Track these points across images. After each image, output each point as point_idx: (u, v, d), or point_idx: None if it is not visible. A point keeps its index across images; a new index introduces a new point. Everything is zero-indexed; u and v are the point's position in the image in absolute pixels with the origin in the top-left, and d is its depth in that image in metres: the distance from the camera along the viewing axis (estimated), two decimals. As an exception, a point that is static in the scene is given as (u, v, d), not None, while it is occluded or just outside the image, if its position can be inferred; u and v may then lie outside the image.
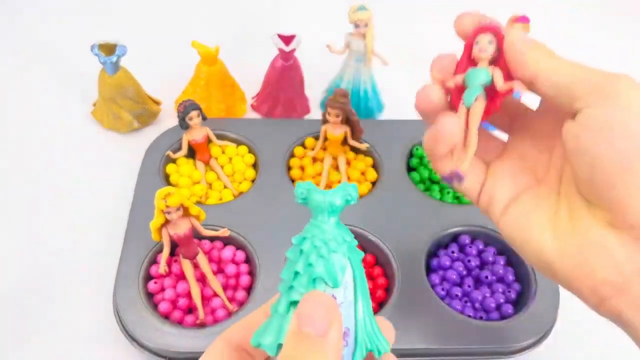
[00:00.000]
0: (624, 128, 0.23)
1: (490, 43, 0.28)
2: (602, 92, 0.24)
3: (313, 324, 0.19)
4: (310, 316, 0.19)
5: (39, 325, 0.48)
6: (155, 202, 0.43)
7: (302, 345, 0.19)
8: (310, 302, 0.20)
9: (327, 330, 0.19)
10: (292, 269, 0.22)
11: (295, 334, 0.19)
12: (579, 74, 0.25)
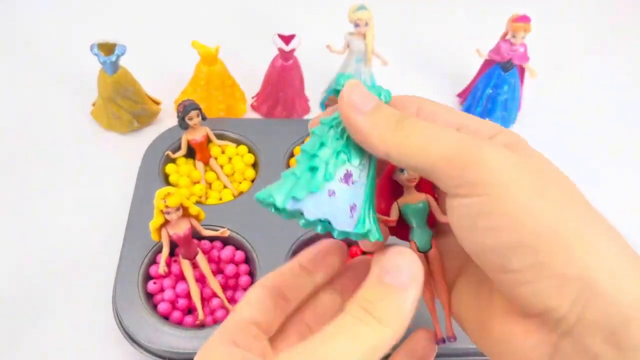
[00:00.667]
0: (485, 220, 0.20)
1: None
2: (458, 174, 0.20)
3: (397, 277, 0.20)
4: (395, 268, 0.20)
5: (39, 325, 0.48)
6: (154, 202, 0.43)
7: (382, 292, 0.20)
8: (394, 253, 0.21)
9: (409, 285, 0.20)
10: (317, 141, 0.23)
11: (378, 282, 0.20)
12: (431, 154, 0.21)
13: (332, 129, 0.23)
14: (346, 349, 0.19)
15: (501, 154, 0.20)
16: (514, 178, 0.20)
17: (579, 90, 0.74)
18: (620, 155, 0.66)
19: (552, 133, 0.67)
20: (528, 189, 0.20)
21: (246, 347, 0.23)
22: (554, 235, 0.19)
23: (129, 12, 0.82)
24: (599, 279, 0.19)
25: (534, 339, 0.21)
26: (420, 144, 0.21)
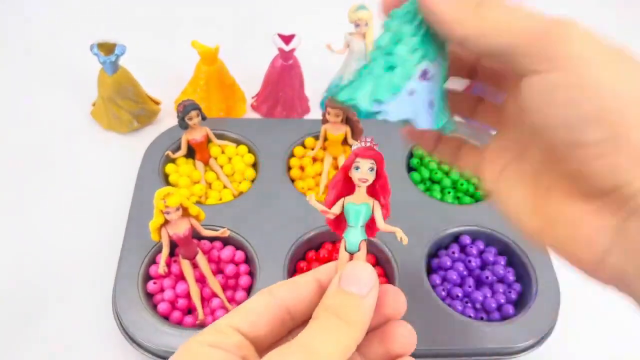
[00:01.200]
0: (564, 92, 0.20)
1: (372, 170, 0.25)
2: (542, 50, 0.21)
3: (358, 284, 0.23)
4: (355, 277, 0.23)
5: (39, 325, 0.47)
6: (154, 202, 0.43)
7: (346, 299, 0.22)
8: (355, 266, 0.23)
9: (368, 292, 0.22)
10: (392, 38, 0.23)
11: (338, 290, 0.23)
12: (513, 31, 0.21)
13: (407, 24, 0.23)
14: (327, 346, 0.21)
15: (584, 30, 0.21)
16: (596, 53, 0.21)
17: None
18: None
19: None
20: (610, 64, 0.21)
21: (226, 350, 0.22)
22: (633, 108, 0.20)
23: (129, 12, 0.82)
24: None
25: (598, 219, 0.22)
26: (501, 22, 0.21)
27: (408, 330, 0.25)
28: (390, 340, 0.24)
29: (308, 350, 0.21)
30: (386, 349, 0.24)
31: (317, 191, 0.56)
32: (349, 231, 0.26)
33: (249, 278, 0.49)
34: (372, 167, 0.26)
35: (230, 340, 0.22)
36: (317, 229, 0.51)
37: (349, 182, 0.26)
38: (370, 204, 0.26)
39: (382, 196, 0.26)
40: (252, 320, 0.23)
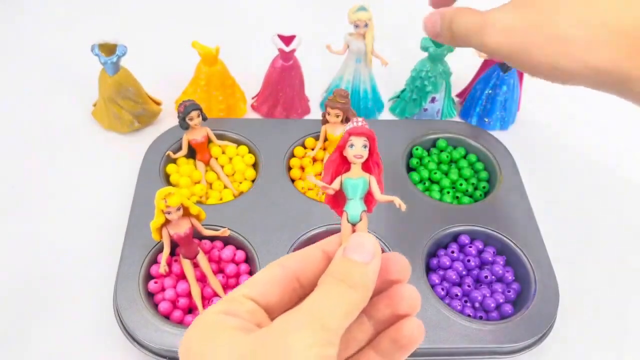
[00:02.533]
0: None
1: (365, 147, 0.28)
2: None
3: (361, 252, 0.24)
4: (359, 246, 0.24)
5: (39, 324, 0.48)
6: (155, 202, 0.43)
7: (350, 266, 0.24)
8: (358, 235, 0.25)
9: (371, 260, 0.24)
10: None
11: (342, 258, 0.24)
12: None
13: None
14: (332, 308, 0.22)
15: (497, 38, 0.33)
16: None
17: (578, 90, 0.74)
18: (621, 153, 0.66)
19: (551, 133, 0.68)
20: None
21: (240, 317, 0.24)
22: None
23: (130, 12, 0.82)
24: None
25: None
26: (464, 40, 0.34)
27: (413, 291, 0.26)
28: (396, 301, 0.26)
29: (314, 312, 0.22)
30: (392, 310, 0.26)
31: (317, 191, 0.56)
32: (349, 204, 0.28)
33: (249, 277, 0.49)
34: (365, 145, 0.28)
35: (244, 307, 0.24)
36: (317, 229, 0.51)
37: (344, 161, 0.28)
38: (367, 177, 0.28)
39: (377, 171, 0.28)
40: (264, 290, 0.24)
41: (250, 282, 0.25)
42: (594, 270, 0.54)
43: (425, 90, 0.64)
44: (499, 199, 0.55)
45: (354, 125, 0.28)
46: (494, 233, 0.52)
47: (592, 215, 0.59)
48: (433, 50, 0.61)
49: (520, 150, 0.62)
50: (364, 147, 0.28)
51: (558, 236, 0.55)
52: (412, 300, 0.26)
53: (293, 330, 0.21)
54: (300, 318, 0.22)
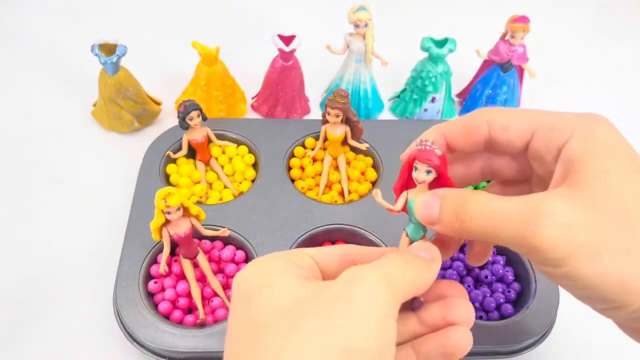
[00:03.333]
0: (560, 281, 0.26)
1: (429, 173, 0.27)
2: (532, 256, 0.25)
3: (429, 252, 0.26)
4: (427, 248, 0.26)
5: (39, 324, 0.48)
6: (155, 202, 0.43)
7: (414, 259, 0.25)
8: (424, 243, 0.27)
9: (435, 261, 0.26)
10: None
11: (410, 253, 0.26)
12: (497, 231, 0.25)
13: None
14: (399, 273, 0.24)
15: (558, 233, 0.23)
16: (579, 244, 0.23)
17: (578, 91, 0.74)
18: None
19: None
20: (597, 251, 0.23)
21: (302, 267, 0.26)
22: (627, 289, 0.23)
23: (130, 12, 0.82)
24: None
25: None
26: (486, 227, 0.25)
27: (468, 306, 0.27)
28: (451, 308, 0.27)
29: (382, 270, 0.23)
30: (444, 315, 0.27)
31: (317, 191, 0.56)
32: (410, 226, 0.28)
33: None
34: (429, 171, 0.27)
35: (305, 262, 0.26)
36: (317, 229, 0.51)
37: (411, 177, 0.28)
38: None
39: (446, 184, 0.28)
40: (324, 256, 0.27)
41: (312, 248, 0.27)
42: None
43: (426, 90, 0.64)
44: (499, 199, 0.55)
45: (420, 149, 0.27)
46: (494, 233, 0.52)
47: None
48: (434, 50, 0.61)
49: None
50: (427, 173, 0.27)
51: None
52: (467, 311, 0.27)
53: (360, 281, 0.22)
54: (368, 273, 0.23)
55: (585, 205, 0.23)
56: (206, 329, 0.45)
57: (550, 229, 0.23)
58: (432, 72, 0.62)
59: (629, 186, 0.24)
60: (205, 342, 0.43)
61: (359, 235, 0.51)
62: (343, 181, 0.56)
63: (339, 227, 0.52)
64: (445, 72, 0.63)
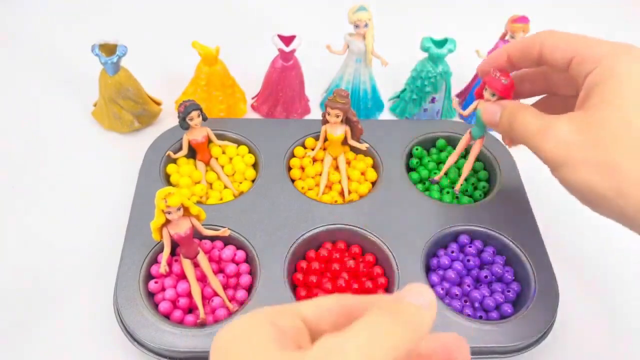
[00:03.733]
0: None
1: (493, 95, 0.43)
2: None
3: (419, 299, 0.22)
4: (418, 292, 0.23)
5: (39, 324, 0.48)
6: (155, 202, 0.43)
7: (404, 307, 0.22)
8: (415, 284, 0.23)
9: (429, 306, 0.22)
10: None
11: (400, 300, 0.22)
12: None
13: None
14: (373, 343, 0.21)
15: (555, 147, 0.35)
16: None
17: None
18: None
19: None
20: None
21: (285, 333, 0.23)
22: None
23: (130, 12, 0.82)
24: None
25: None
26: (520, 136, 0.38)
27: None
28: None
29: (358, 339, 0.21)
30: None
31: (317, 191, 0.56)
32: (474, 128, 0.50)
33: (249, 277, 0.49)
34: (493, 94, 0.43)
35: (292, 323, 0.23)
36: (317, 229, 0.51)
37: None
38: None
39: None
40: (319, 316, 0.24)
41: (307, 304, 0.24)
42: (594, 270, 0.54)
43: (425, 90, 0.64)
44: (499, 199, 0.55)
45: (490, 77, 0.42)
46: (493, 233, 0.52)
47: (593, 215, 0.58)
48: (433, 50, 0.61)
49: (521, 149, 0.62)
50: (492, 95, 0.43)
51: (558, 236, 0.55)
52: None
53: (333, 354, 0.20)
54: (342, 343, 0.21)
55: (586, 127, 0.33)
56: (206, 328, 0.45)
57: (550, 143, 0.34)
58: (432, 72, 0.62)
59: (625, 112, 0.32)
60: (206, 342, 0.43)
61: (359, 235, 0.51)
62: (343, 181, 0.56)
63: (339, 227, 0.52)
64: (444, 72, 0.63)
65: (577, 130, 0.33)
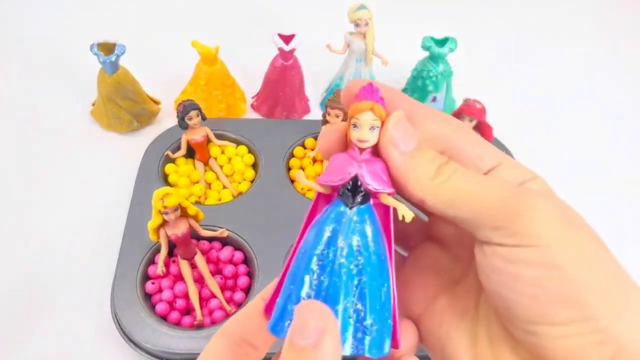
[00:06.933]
0: (533, 270, 0.19)
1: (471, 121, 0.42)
2: (506, 225, 0.20)
3: (304, 335, 0.18)
4: (301, 327, 0.18)
5: (37, 324, 0.47)
6: (153, 202, 0.43)
7: (297, 357, 0.18)
8: (301, 311, 0.19)
9: (319, 340, 0.18)
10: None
11: (289, 345, 0.18)
12: (474, 201, 0.20)
13: None
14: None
15: (551, 206, 0.20)
16: (564, 232, 0.20)
17: (579, 91, 0.74)
18: (623, 152, 0.66)
19: (552, 132, 0.67)
20: (575, 244, 0.20)
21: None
22: (602, 292, 0.19)
23: (129, 11, 0.82)
24: (635, 337, 0.19)
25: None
26: (463, 192, 0.20)
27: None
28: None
29: None
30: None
31: (317, 191, 0.56)
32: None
33: (247, 279, 0.49)
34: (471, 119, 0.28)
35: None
36: (316, 230, 0.51)
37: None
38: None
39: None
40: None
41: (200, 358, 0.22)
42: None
43: (426, 89, 0.63)
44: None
45: (467, 104, 0.44)
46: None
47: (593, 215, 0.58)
48: (434, 49, 0.60)
49: (520, 149, 0.61)
50: (470, 120, 0.40)
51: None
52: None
53: None
54: None
55: None
56: (203, 330, 0.44)
57: (544, 204, 0.20)
58: (433, 72, 0.62)
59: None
60: (203, 344, 0.42)
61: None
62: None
63: (339, 228, 0.51)
64: (445, 71, 0.62)
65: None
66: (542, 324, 0.20)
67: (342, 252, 0.20)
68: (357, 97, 0.21)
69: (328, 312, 0.19)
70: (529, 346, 0.21)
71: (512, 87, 0.73)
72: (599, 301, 0.19)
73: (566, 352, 0.19)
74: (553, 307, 0.19)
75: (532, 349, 0.20)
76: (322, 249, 0.21)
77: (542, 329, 0.20)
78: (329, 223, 0.21)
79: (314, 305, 0.19)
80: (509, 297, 0.20)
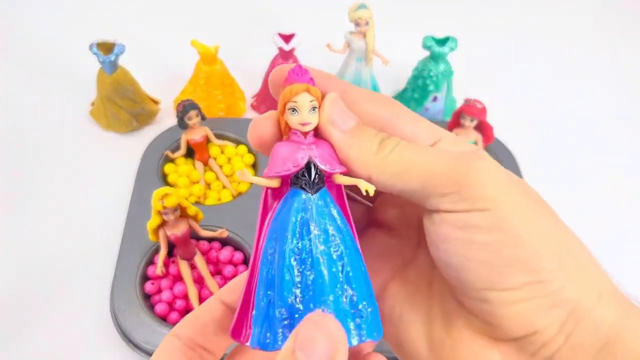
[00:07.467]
0: (484, 234, 0.19)
1: (472, 121, 0.43)
2: (455, 190, 0.19)
3: (313, 353, 0.16)
4: (311, 342, 0.16)
5: (36, 325, 0.47)
6: (152, 202, 0.43)
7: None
8: (313, 325, 0.17)
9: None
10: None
11: (290, 354, 0.16)
12: (420, 169, 0.20)
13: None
14: None
15: (496, 169, 0.20)
16: (512, 194, 0.20)
17: (579, 91, 0.74)
18: (623, 151, 0.66)
19: (553, 133, 0.67)
20: (525, 206, 0.20)
21: None
22: (553, 255, 0.19)
23: (128, 11, 0.82)
24: (587, 301, 0.19)
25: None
26: (408, 163, 0.20)
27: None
28: None
29: None
30: None
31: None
32: None
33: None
34: (472, 119, 0.27)
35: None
36: (316, 230, 0.50)
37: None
38: None
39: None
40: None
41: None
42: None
43: (427, 89, 0.63)
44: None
45: (468, 104, 0.45)
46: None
47: (594, 215, 0.58)
48: (435, 49, 0.60)
49: (521, 149, 0.61)
50: (471, 120, 0.41)
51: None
52: None
53: None
54: None
55: None
56: (203, 331, 0.44)
57: (490, 166, 0.20)
58: (434, 71, 0.62)
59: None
60: (202, 345, 0.42)
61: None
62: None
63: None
64: (446, 71, 0.62)
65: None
66: (493, 289, 0.19)
67: (319, 239, 0.19)
68: (287, 80, 0.20)
69: (340, 330, 0.17)
70: (481, 315, 0.20)
71: (513, 86, 0.73)
72: (551, 264, 0.19)
73: (518, 317, 0.19)
74: (505, 272, 0.19)
75: (484, 317, 0.20)
76: (296, 243, 0.19)
77: (494, 295, 0.19)
78: (294, 213, 0.20)
79: (328, 319, 0.17)
80: (460, 265, 0.20)
